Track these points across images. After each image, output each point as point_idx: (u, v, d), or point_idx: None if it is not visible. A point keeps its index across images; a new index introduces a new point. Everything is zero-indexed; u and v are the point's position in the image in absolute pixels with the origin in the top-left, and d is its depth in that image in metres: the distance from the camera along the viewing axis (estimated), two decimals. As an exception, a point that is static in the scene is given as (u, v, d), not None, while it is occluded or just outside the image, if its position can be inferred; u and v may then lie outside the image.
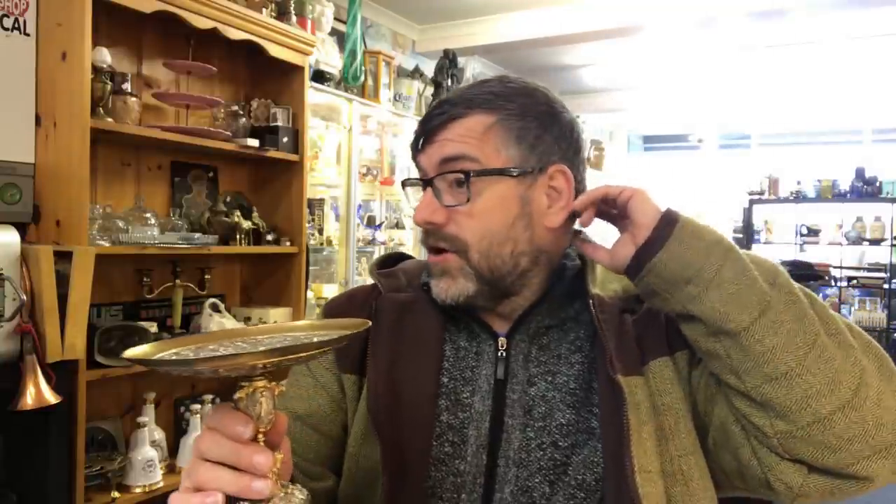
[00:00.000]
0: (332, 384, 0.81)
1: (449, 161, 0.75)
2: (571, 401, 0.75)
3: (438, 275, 0.76)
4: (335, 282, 3.33)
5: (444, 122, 0.76)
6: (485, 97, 0.76)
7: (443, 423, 0.75)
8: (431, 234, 0.76)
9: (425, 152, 0.78)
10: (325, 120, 3.28)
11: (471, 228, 0.74)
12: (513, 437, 0.74)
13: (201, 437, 0.53)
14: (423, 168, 0.78)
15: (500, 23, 4.43)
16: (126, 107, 2.03)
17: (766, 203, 6.75)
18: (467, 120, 0.75)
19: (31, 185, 1.86)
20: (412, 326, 0.79)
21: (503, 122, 0.75)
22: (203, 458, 0.52)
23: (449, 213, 0.75)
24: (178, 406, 2.35)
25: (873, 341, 0.67)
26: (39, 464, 1.74)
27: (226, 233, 2.31)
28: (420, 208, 0.76)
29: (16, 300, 1.66)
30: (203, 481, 0.51)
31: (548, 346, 0.78)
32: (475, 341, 0.80)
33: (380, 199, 3.95)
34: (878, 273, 6.38)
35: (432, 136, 0.77)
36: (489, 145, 0.74)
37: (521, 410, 0.75)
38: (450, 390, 0.77)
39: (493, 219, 0.74)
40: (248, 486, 0.51)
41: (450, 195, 0.75)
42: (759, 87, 6.13)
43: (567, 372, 0.76)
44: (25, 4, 1.87)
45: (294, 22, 2.58)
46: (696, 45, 4.97)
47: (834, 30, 4.57)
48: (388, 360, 0.77)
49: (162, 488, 2.06)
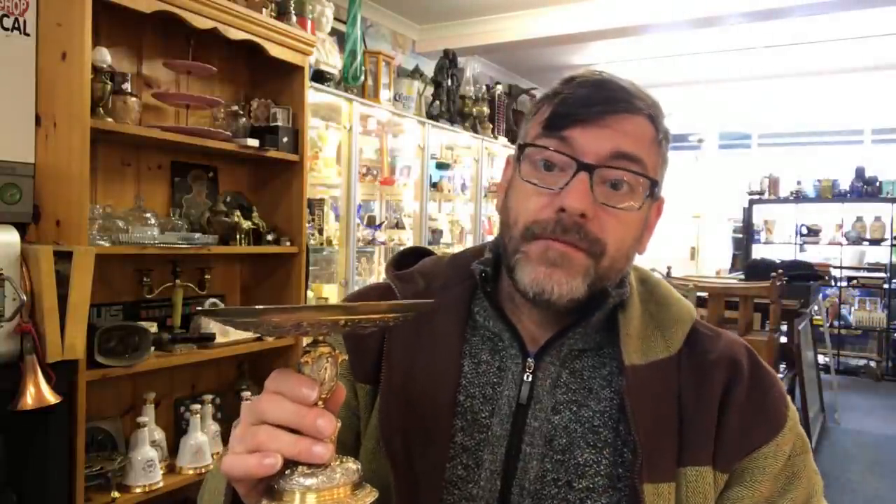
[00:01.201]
0: (347, 391, 0.77)
1: (624, 158, 0.66)
2: (593, 440, 0.69)
3: (554, 263, 0.66)
4: (335, 282, 3.33)
5: (626, 111, 0.68)
6: (648, 103, 0.70)
7: (457, 445, 0.71)
8: (573, 227, 0.65)
9: (587, 131, 0.66)
10: (325, 120, 3.28)
11: (614, 234, 0.67)
12: (529, 467, 0.69)
13: (261, 399, 0.52)
14: (577, 147, 0.66)
15: (500, 23, 4.43)
16: (126, 107, 2.03)
17: (766, 203, 6.76)
18: (639, 121, 0.68)
19: (31, 185, 1.86)
20: (429, 338, 0.74)
21: (661, 140, 0.71)
22: (262, 420, 0.51)
23: (596, 210, 0.66)
24: (178, 406, 2.35)
25: None
26: (39, 464, 1.74)
27: (226, 233, 2.31)
28: (576, 195, 0.65)
29: (16, 300, 1.66)
30: (261, 442, 0.50)
31: (580, 373, 0.72)
32: (498, 356, 0.74)
33: (380, 199, 3.96)
34: (878, 273, 6.38)
35: (603, 118, 0.66)
36: (653, 157, 0.69)
37: (542, 440, 0.69)
38: (466, 409, 0.72)
39: (632, 231, 0.69)
40: (308, 448, 0.49)
41: (604, 191, 0.67)
42: (759, 87, 6.14)
43: (595, 407, 0.70)
44: (25, 4, 1.86)
45: (294, 22, 2.58)
46: (696, 45, 4.97)
47: (834, 30, 4.57)
48: (402, 374, 0.72)
49: (162, 488, 2.06)
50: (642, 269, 0.80)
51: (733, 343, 0.74)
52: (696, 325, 0.75)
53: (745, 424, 0.68)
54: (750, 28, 4.44)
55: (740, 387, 0.69)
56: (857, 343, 6.59)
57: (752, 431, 0.68)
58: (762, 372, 0.72)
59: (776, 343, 3.41)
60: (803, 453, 0.71)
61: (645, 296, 0.76)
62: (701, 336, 0.74)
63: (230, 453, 0.52)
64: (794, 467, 0.70)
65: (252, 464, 0.49)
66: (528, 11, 4.32)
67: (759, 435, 0.68)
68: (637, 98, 0.69)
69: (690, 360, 0.71)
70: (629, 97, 0.68)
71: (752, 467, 0.68)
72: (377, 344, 0.75)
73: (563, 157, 0.67)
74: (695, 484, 0.66)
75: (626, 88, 0.69)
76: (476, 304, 0.77)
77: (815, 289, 4.67)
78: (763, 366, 0.73)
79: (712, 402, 0.68)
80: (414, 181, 3.92)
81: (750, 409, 0.69)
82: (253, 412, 0.52)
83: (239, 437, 0.52)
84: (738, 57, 5.30)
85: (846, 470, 3.88)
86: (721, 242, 7.51)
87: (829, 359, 5.55)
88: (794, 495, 0.69)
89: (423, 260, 0.83)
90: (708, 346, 0.73)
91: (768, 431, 0.69)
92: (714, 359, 0.71)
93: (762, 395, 0.70)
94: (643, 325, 0.72)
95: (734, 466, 0.68)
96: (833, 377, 5.35)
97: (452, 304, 0.76)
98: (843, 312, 6.54)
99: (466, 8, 4.30)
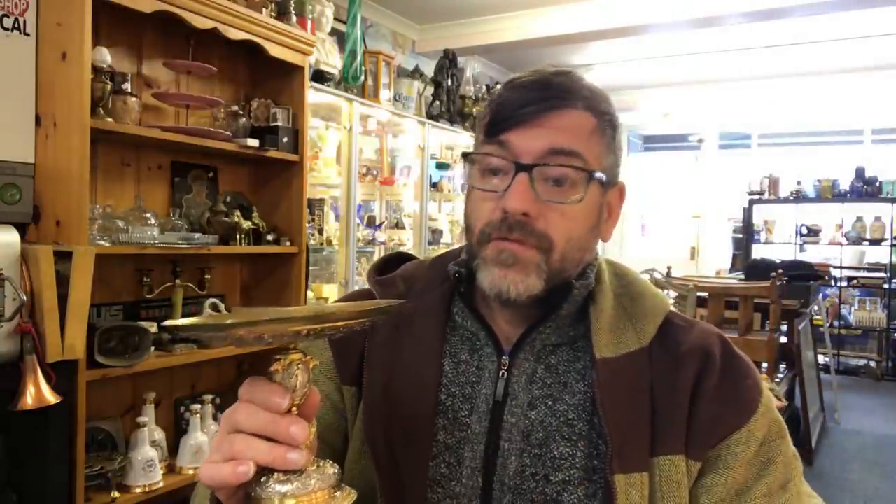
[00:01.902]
0: (334, 393, 0.78)
1: (560, 154, 0.68)
2: (568, 433, 0.70)
3: (507, 264, 0.68)
4: (335, 282, 3.33)
5: (556, 108, 0.69)
6: (586, 93, 0.71)
7: (440, 443, 0.72)
8: (517, 226, 0.68)
9: (522, 132, 0.69)
10: (325, 120, 3.28)
11: (560, 228, 0.69)
12: (508, 463, 0.70)
13: (235, 408, 0.53)
14: (514, 149, 0.69)
15: (500, 23, 4.43)
16: (126, 107, 2.03)
17: (766, 203, 6.76)
18: (575, 114, 0.70)
19: (31, 185, 1.86)
20: (410, 339, 0.75)
21: (603, 127, 0.71)
22: (237, 429, 0.52)
23: (540, 207, 0.68)
24: (178, 406, 2.35)
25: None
26: (39, 464, 1.74)
27: (226, 233, 2.32)
28: (515, 196, 0.67)
29: (16, 300, 1.66)
30: (236, 451, 0.51)
31: (555, 367, 0.73)
32: (477, 355, 0.75)
33: (380, 199, 3.96)
34: (878, 273, 6.38)
35: (536, 118, 0.68)
36: (594, 148, 0.70)
37: (520, 435, 0.71)
38: (448, 408, 0.73)
39: (580, 223, 0.70)
40: (282, 455, 0.50)
41: (546, 188, 0.68)
42: (759, 87, 6.14)
43: (569, 401, 0.72)
44: (25, 4, 1.87)
45: (294, 22, 2.58)
46: (696, 45, 4.97)
47: (834, 30, 4.57)
48: (384, 376, 0.74)
49: (162, 488, 2.06)
50: (619, 265, 0.81)
51: (706, 333, 0.74)
52: (670, 317, 0.75)
53: (716, 412, 0.69)
54: (750, 28, 4.44)
55: (712, 376, 0.70)
56: (857, 343, 6.59)
57: (722, 418, 0.69)
58: (735, 361, 0.73)
59: (776, 343, 3.41)
60: (779, 438, 0.71)
61: (619, 290, 0.77)
62: (674, 327, 0.74)
63: (208, 462, 0.53)
64: (769, 453, 0.70)
65: (227, 472, 0.50)
66: (527, 11, 4.32)
67: (730, 421, 0.69)
68: (571, 92, 0.70)
69: (662, 351, 0.72)
70: (562, 93, 0.70)
71: (724, 454, 0.69)
72: (361, 346, 0.77)
73: (503, 160, 0.69)
74: (668, 473, 0.67)
75: (560, 84, 0.70)
76: (455, 305, 0.78)
77: (815, 289, 4.67)
78: (736, 355, 0.74)
79: (684, 392, 0.69)
80: (414, 181, 3.92)
81: (721, 397, 0.70)
82: (229, 421, 0.53)
83: (216, 446, 0.53)
84: (738, 57, 5.30)
85: (846, 470, 3.88)
86: (721, 242, 7.51)
87: (829, 359, 5.55)
88: (769, 480, 0.69)
89: (405, 265, 0.85)
90: (680, 337, 0.73)
91: (739, 417, 0.69)
92: (686, 350, 0.72)
93: (733, 382, 0.71)
94: (615, 318, 0.73)
95: (707, 454, 0.69)
96: (833, 377, 5.34)
97: (432, 306, 0.77)
98: (843, 312, 6.54)
99: (466, 8, 4.30)
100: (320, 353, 0.78)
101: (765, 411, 0.71)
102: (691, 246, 7.71)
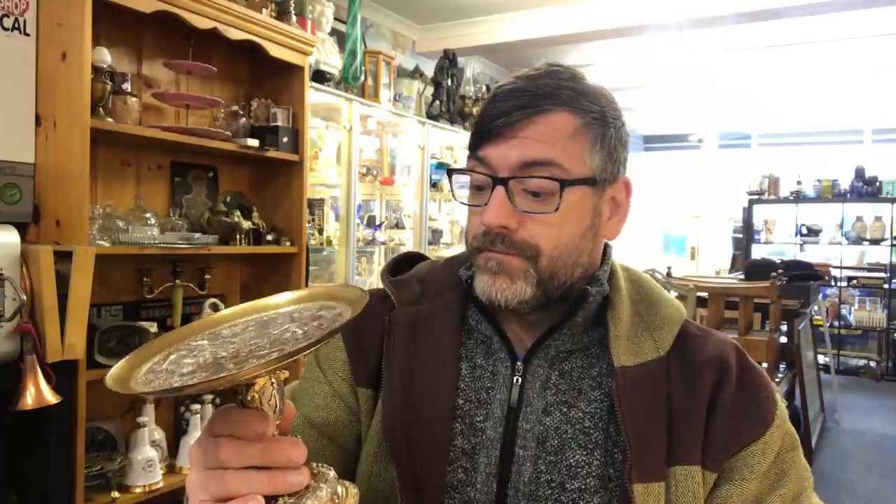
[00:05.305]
0: (348, 395, 0.77)
1: (533, 165, 0.67)
2: (584, 441, 0.70)
3: (493, 272, 0.69)
4: (335, 282, 3.33)
5: (528, 116, 0.68)
6: (568, 94, 0.69)
7: (457, 448, 0.72)
8: (498, 238, 0.68)
9: (497, 146, 0.69)
10: (325, 120, 3.28)
11: (544, 236, 0.68)
12: (523, 469, 0.70)
13: (216, 448, 0.48)
14: (491, 163, 0.69)
15: (500, 23, 4.43)
16: (126, 107, 2.03)
17: (766, 203, 6.76)
18: (552, 118, 0.68)
19: (31, 185, 1.86)
20: (428, 343, 0.75)
21: (589, 125, 0.69)
22: (222, 467, 0.48)
23: (521, 218, 0.68)
24: (178, 406, 2.35)
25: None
26: (39, 464, 1.74)
27: (226, 233, 2.32)
28: (492, 210, 0.68)
29: (16, 300, 1.66)
30: (231, 490, 0.47)
31: (570, 374, 0.73)
32: (491, 360, 0.75)
33: (380, 199, 3.95)
34: (878, 273, 6.38)
35: (509, 130, 0.68)
36: (574, 151, 0.68)
37: (535, 442, 0.70)
38: (464, 413, 0.73)
39: (568, 228, 0.69)
40: (284, 482, 0.48)
41: (524, 200, 0.68)
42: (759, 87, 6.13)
43: (585, 408, 0.71)
44: (25, 4, 1.87)
45: (294, 22, 2.58)
46: (696, 45, 4.97)
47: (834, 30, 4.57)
48: (403, 379, 0.73)
49: (162, 488, 2.06)
50: (633, 270, 0.80)
51: (722, 343, 0.75)
52: (686, 326, 0.75)
53: (733, 424, 0.69)
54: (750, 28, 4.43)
55: (729, 387, 0.70)
56: (857, 343, 6.60)
57: (739, 430, 0.69)
58: (751, 372, 0.73)
59: (776, 343, 3.41)
60: (792, 450, 0.72)
61: (635, 296, 0.76)
62: (690, 337, 0.74)
63: (194, 501, 0.49)
64: (783, 464, 0.71)
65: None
66: (527, 11, 4.32)
67: (747, 434, 0.69)
68: (550, 95, 0.69)
69: (680, 360, 0.72)
70: (538, 98, 0.69)
71: (740, 465, 0.69)
72: (378, 347, 0.76)
73: (482, 176, 0.70)
74: (684, 483, 0.67)
75: (539, 88, 0.69)
76: (470, 308, 0.78)
77: (815, 289, 4.68)
78: (752, 365, 0.74)
79: (701, 402, 0.69)
80: (414, 181, 3.92)
81: (738, 408, 0.70)
82: (210, 460, 0.48)
83: (200, 484, 0.48)
84: (738, 57, 5.29)
85: (846, 470, 3.88)
86: (721, 242, 7.51)
87: (829, 359, 5.55)
88: (784, 492, 0.70)
89: (418, 265, 0.84)
90: (697, 346, 0.73)
91: (756, 430, 0.70)
92: (703, 359, 0.72)
93: (750, 394, 0.71)
94: (633, 325, 0.73)
95: (723, 465, 0.69)
96: (833, 377, 5.35)
97: (448, 309, 0.77)
98: (843, 312, 6.55)
99: (466, 8, 4.30)
100: (335, 355, 0.78)
101: (780, 423, 0.71)
102: (691, 246, 7.72)
